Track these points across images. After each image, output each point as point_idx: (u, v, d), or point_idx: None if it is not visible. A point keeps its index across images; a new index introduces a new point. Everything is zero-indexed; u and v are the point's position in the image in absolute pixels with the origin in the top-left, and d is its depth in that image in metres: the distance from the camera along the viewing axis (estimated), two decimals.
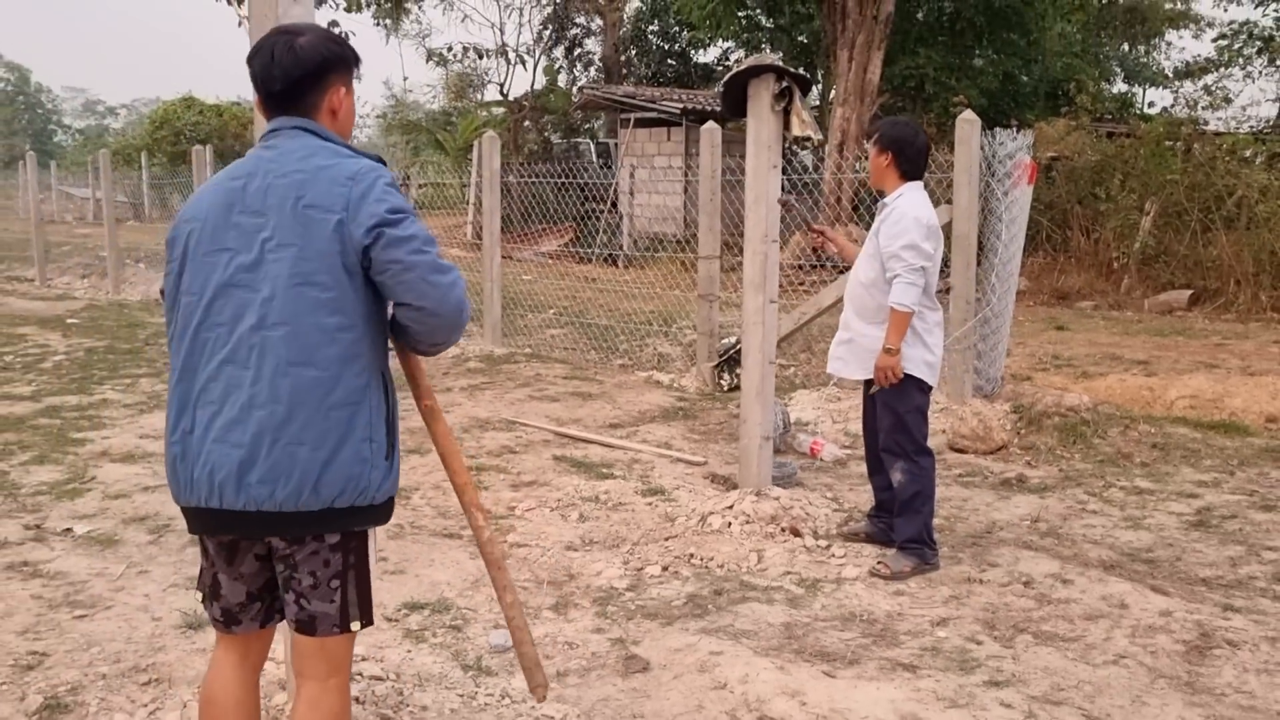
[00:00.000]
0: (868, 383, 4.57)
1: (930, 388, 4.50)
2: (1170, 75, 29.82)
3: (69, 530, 4.79)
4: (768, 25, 21.89)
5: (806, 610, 4.00)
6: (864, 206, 12.89)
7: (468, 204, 21.01)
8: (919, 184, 4.51)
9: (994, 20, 18.15)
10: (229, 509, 2.14)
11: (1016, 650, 3.65)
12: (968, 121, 6.89)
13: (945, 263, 6.98)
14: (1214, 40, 21.51)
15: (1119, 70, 30.87)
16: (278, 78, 2.23)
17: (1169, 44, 32.65)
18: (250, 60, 2.27)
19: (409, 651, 3.55)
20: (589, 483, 5.57)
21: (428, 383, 2.43)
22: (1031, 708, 3.21)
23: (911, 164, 4.46)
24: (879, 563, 4.40)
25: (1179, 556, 4.64)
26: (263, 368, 2.12)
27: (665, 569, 4.40)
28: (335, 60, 2.28)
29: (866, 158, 4.76)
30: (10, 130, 72.21)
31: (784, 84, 4.79)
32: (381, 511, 2.28)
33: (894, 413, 4.44)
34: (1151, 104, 30.02)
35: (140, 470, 5.78)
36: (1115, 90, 29.41)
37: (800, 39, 21.03)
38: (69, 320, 12.13)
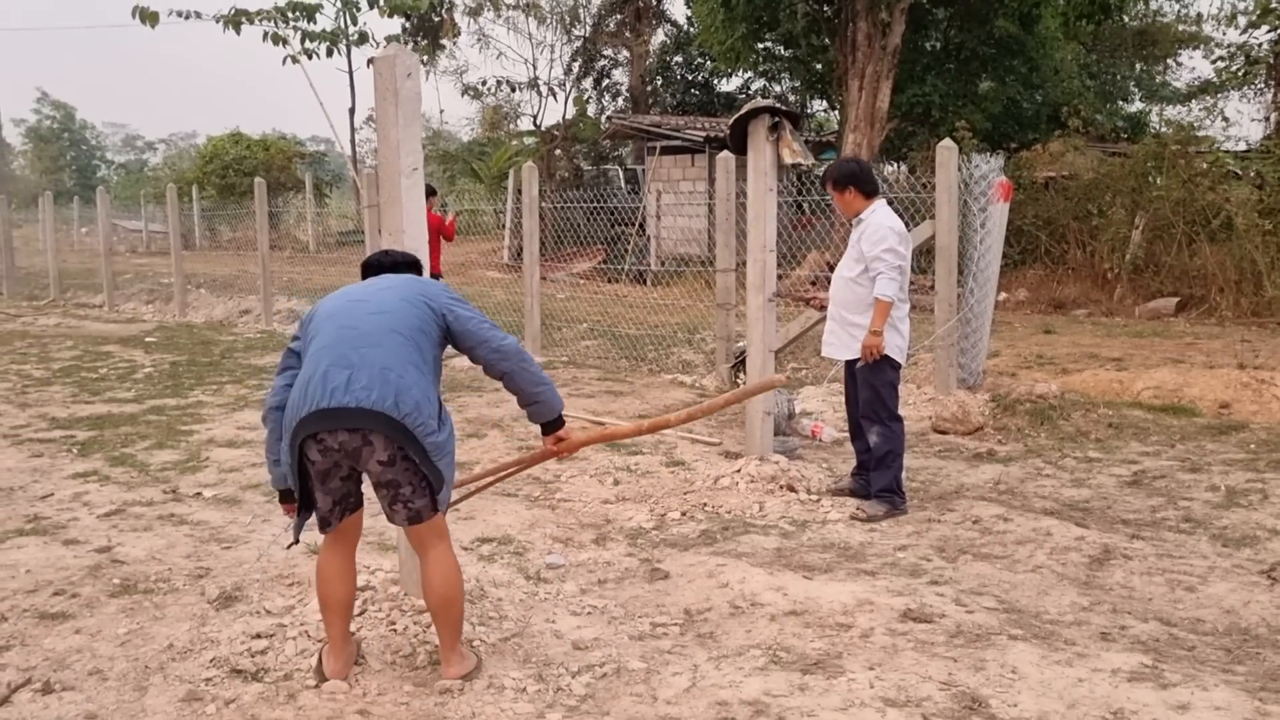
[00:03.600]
0: (849, 363, 5.60)
1: (900, 365, 5.54)
2: (1186, 94, 30.61)
3: (199, 494, 5.91)
4: (785, 55, 22.89)
5: (795, 540, 5.03)
6: None
7: (503, 229, 22.17)
8: (882, 200, 5.55)
9: (997, 49, 19.13)
10: None
11: (958, 565, 4.66)
12: (946, 149, 7.91)
13: (929, 271, 8.02)
14: (1212, 62, 22.35)
15: (1136, 90, 31.71)
16: None
17: (1180, 64, 33.44)
18: None
19: (484, 567, 4.60)
20: (621, 458, 6.61)
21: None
22: (959, 596, 4.21)
23: (868, 184, 5.52)
24: (857, 508, 5.42)
25: (1109, 506, 5.62)
26: None
27: (683, 514, 5.44)
28: None
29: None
30: (56, 166, 74.46)
31: (776, 120, 5.83)
32: None
33: (871, 386, 5.47)
34: (1169, 122, 30.78)
35: (245, 453, 6.88)
36: (1131, 109, 30.25)
37: (816, 66, 22.01)
38: (147, 339, 13.36)
